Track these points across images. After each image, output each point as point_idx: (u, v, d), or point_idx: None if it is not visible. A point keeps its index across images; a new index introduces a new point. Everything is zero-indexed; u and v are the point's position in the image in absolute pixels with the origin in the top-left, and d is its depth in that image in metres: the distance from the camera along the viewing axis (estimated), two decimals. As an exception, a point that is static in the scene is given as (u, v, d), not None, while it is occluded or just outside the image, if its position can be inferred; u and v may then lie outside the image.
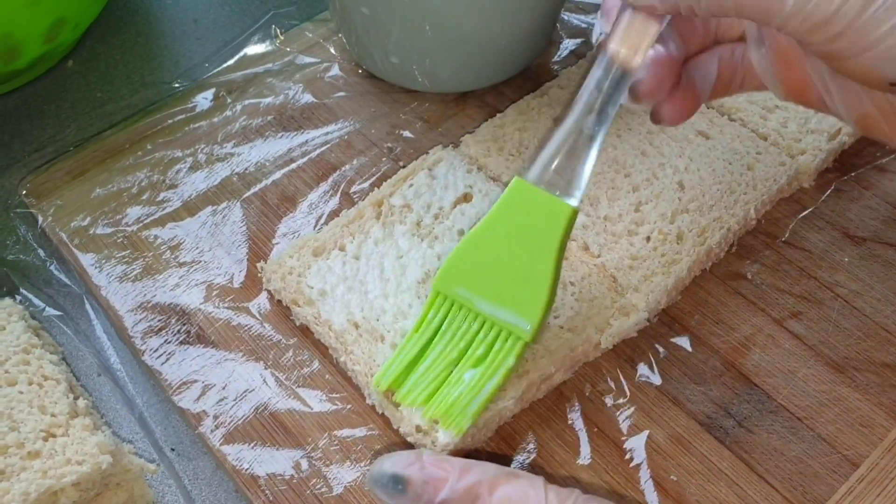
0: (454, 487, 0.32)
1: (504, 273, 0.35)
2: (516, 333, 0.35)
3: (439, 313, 0.37)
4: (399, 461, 0.33)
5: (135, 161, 0.50)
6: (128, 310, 0.44)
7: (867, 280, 0.43)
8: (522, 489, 0.32)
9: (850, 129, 0.48)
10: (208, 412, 0.40)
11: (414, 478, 0.32)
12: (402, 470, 0.32)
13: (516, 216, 0.35)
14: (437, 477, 0.32)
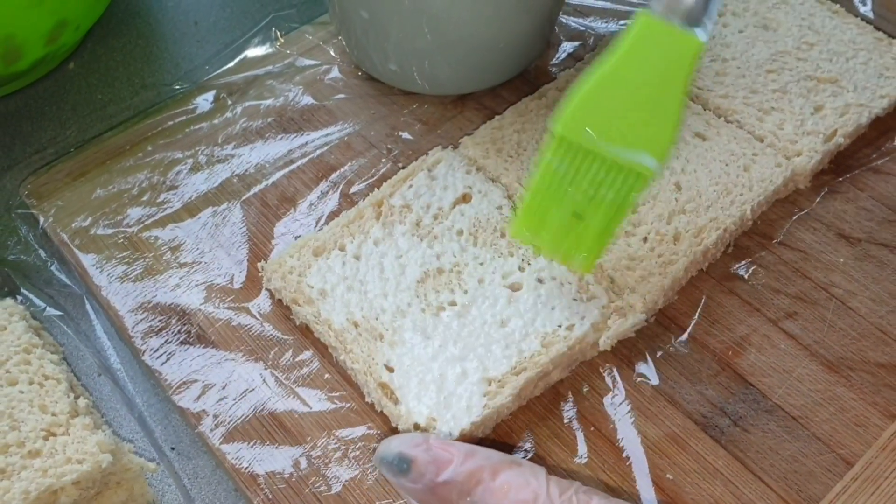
0: (457, 470, 0.32)
1: (630, 113, 0.35)
2: (642, 172, 0.35)
3: (565, 160, 0.36)
4: (406, 441, 0.34)
5: (135, 162, 0.50)
6: (128, 310, 0.44)
7: (862, 280, 0.44)
8: (524, 477, 0.32)
9: (845, 131, 0.48)
10: (208, 411, 0.40)
11: (419, 458, 0.33)
12: (409, 450, 0.33)
13: (644, 54, 0.35)
14: (441, 459, 0.33)
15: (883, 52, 0.53)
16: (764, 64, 0.52)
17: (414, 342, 0.40)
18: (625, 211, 0.37)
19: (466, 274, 0.42)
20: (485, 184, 0.46)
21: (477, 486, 0.32)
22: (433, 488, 0.33)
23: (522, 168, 0.47)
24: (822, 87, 0.51)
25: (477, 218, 0.45)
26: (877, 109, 0.50)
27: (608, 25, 0.57)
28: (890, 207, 0.47)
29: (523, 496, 0.32)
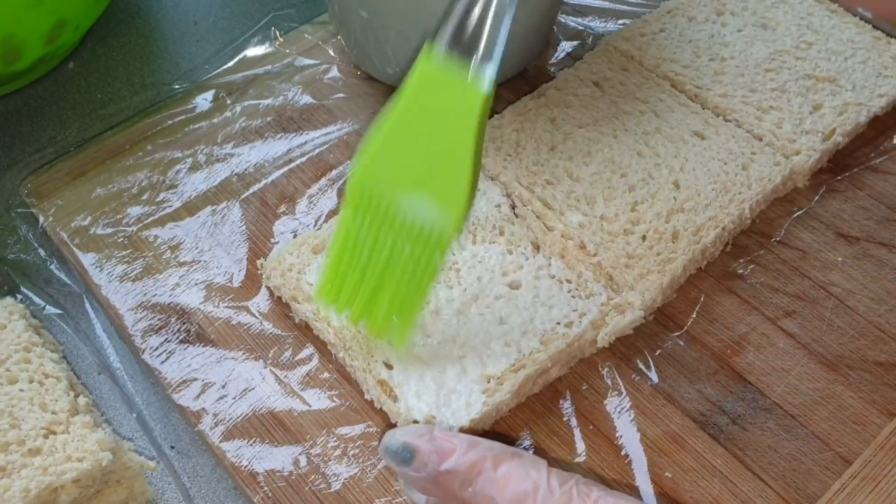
0: (460, 460, 0.33)
1: (423, 166, 0.33)
2: (440, 231, 0.33)
3: (363, 221, 0.34)
4: (410, 432, 0.34)
5: (135, 162, 0.50)
6: (128, 309, 0.44)
7: (860, 279, 0.44)
8: (525, 468, 0.32)
9: (844, 130, 0.48)
10: (207, 410, 0.40)
11: (422, 447, 0.33)
12: (413, 439, 0.34)
13: (425, 104, 0.33)
14: (444, 448, 0.33)
15: (881, 51, 0.53)
16: (763, 63, 0.52)
17: (413, 339, 0.40)
18: (430, 276, 0.35)
19: (465, 272, 0.43)
20: (483, 182, 0.46)
21: (478, 475, 0.33)
22: (436, 477, 0.33)
23: (521, 166, 0.47)
24: (821, 86, 0.51)
25: (475, 216, 0.45)
26: (875, 108, 0.50)
27: (607, 25, 0.57)
28: (888, 206, 0.47)
29: (524, 487, 0.32)
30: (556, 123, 0.49)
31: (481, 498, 0.33)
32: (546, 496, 0.32)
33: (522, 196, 0.46)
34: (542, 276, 0.42)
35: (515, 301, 0.41)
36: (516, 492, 0.32)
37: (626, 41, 0.54)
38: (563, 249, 0.43)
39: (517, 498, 0.32)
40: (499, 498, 0.32)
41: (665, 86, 0.51)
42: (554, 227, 0.44)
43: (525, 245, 0.44)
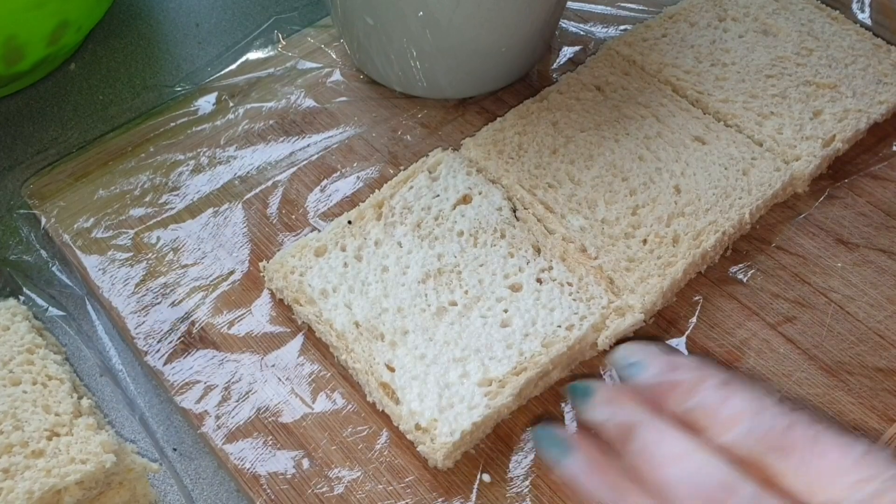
0: (692, 372, 0.33)
1: None
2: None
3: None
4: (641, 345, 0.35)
5: (137, 163, 0.51)
6: (130, 311, 0.44)
7: (860, 285, 0.44)
8: (753, 391, 0.32)
9: (844, 136, 0.49)
10: (210, 412, 0.40)
11: (657, 357, 0.34)
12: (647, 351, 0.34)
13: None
14: (677, 361, 0.34)
15: (881, 58, 0.53)
16: (764, 69, 0.52)
17: (415, 342, 0.40)
18: None
19: (467, 274, 0.43)
20: (485, 185, 0.46)
21: (704, 387, 0.32)
22: (661, 384, 0.33)
23: (523, 170, 0.47)
24: (822, 92, 0.51)
25: (477, 219, 0.45)
26: (875, 115, 0.50)
27: (608, 30, 0.58)
28: (888, 213, 0.47)
29: (747, 406, 0.32)
30: (557, 127, 0.49)
31: (703, 408, 0.32)
32: (766, 416, 0.31)
33: (524, 199, 0.46)
34: (543, 279, 0.42)
35: (517, 304, 0.41)
36: (740, 407, 0.31)
37: (629, 46, 0.54)
38: (564, 252, 0.44)
39: (737, 414, 0.31)
40: (721, 409, 0.32)
41: (666, 91, 0.51)
42: (555, 231, 0.45)
43: (526, 248, 0.44)
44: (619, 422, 0.33)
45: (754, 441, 0.31)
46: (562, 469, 0.33)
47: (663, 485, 0.31)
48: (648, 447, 0.32)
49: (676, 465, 0.31)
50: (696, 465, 0.31)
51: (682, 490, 0.30)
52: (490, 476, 0.38)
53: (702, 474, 0.30)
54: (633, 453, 0.32)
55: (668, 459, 0.31)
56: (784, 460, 0.30)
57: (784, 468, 0.30)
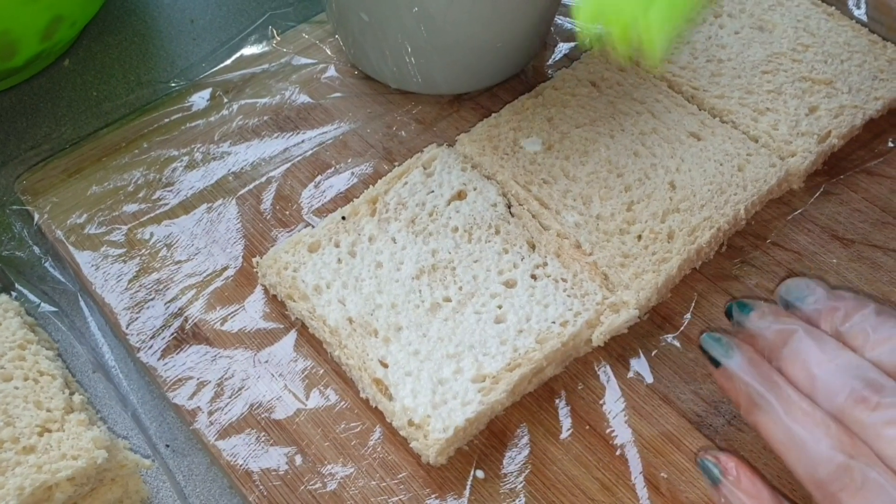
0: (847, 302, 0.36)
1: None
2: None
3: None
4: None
5: (131, 159, 0.50)
6: (123, 307, 0.44)
7: (855, 281, 0.44)
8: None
9: (839, 132, 0.49)
10: (203, 409, 0.40)
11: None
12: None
13: None
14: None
15: (877, 54, 0.53)
16: (759, 65, 0.52)
17: (409, 338, 0.40)
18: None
19: (461, 270, 0.43)
20: (480, 181, 0.46)
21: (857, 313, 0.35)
22: (819, 310, 0.36)
23: (518, 165, 0.47)
24: (817, 88, 0.51)
25: (472, 215, 0.45)
26: (871, 111, 0.50)
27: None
28: (883, 209, 0.47)
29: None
30: (553, 123, 0.49)
31: (859, 329, 0.35)
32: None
33: (519, 195, 0.46)
34: (537, 275, 0.42)
35: (511, 300, 0.41)
36: (894, 331, 0.34)
37: (623, 42, 0.54)
38: (559, 248, 0.43)
39: (891, 335, 0.34)
40: (876, 330, 0.34)
41: (662, 86, 0.51)
42: (550, 227, 0.44)
43: (521, 244, 0.44)
44: (778, 329, 0.35)
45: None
46: (724, 366, 0.35)
47: (815, 380, 0.34)
48: (803, 348, 0.34)
49: (829, 362, 0.34)
50: (848, 362, 0.33)
51: (834, 384, 0.33)
52: (484, 472, 0.38)
53: (852, 372, 0.33)
54: (788, 354, 0.35)
55: (821, 358, 0.34)
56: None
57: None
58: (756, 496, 0.33)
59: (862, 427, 0.32)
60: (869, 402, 0.32)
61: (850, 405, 0.33)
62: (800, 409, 0.33)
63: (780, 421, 0.33)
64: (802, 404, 0.33)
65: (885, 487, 0.30)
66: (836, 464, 0.31)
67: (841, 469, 0.31)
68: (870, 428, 0.32)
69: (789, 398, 0.34)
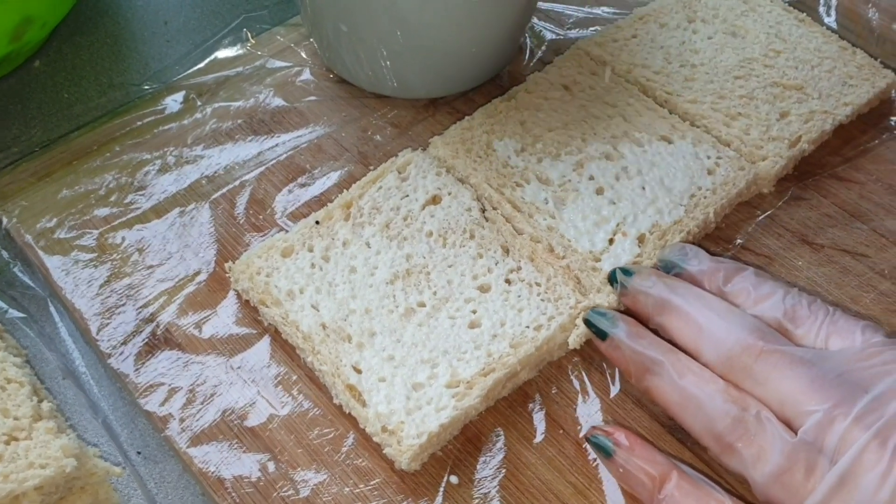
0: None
1: None
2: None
3: None
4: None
5: (102, 163, 0.50)
6: (93, 313, 0.43)
7: (824, 285, 0.44)
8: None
9: (810, 137, 0.49)
10: (174, 415, 0.40)
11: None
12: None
13: None
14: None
15: (847, 60, 0.54)
16: (732, 70, 0.53)
17: (382, 344, 0.40)
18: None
19: (435, 275, 0.43)
20: (454, 186, 0.46)
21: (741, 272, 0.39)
22: (702, 272, 0.39)
23: (491, 168, 0.47)
24: (788, 93, 0.51)
25: (446, 220, 0.45)
26: (840, 116, 0.50)
27: (580, 32, 0.58)
28: (852, 214, 0.47)
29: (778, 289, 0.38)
30: (525, 126, 0.49)
31: (740, 289, 0.38)
32: (793, 294, 0.37)
33: (492, 198, 0.46)
34: (512, 279, 0.42)
35: (485, 305, 0.41)
36: (772, 289, 0.38)
37: (599, 46, 0.54)
38: (533, 252, 0.44)
39: (770, 293, 0.37)
40: (756, 289, 0.38)
41: (633, 90, 0.51)
42: (523, 230, 0.45)
43: (495, 249, 0.44)
44: (662, 285, 0.38)
45: (782, 313, 0.37)
46: (611, 336, 0.38)
47: (700, 330, 0.36)
48: (688, 301, 0.37)
49: (714, 314, 0.36)
50: (730, 311, 0.36)
51: (719, 333, 0.36)
52: (458, 477, 0.38)
53: (736, 321, 0.36)
54: (672, 308, 0.37)
55: (705, 310, 0.37)
56: (805, 327, 0.36)
57: (804, 333, 0.36)
58: (651, 459, 0.35)
59: (749, 373, 0.35)
60: (754, 348, 0.35)
61: (736, 352, 0.35)
62: (689, 370, 0.36)
63: (673, 383, 0.36)
64: (692, 365, 0.36)
65: (776, 432, 0.33)
66: (731, 416, 0.34)
67: (735, 421, 0.34)
68: (758, 374, 0.34)
69: (678, 360, 0.36)
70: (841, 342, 0.35)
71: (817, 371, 0.34)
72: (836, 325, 0.36)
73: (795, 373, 0.34)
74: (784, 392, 0.34)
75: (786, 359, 0.34)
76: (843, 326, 0.36)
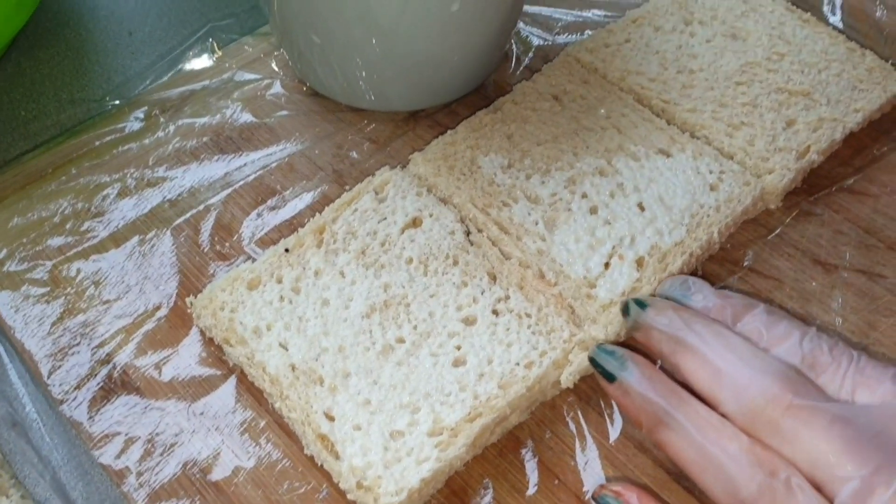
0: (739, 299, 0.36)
1: None
2: None
3: None
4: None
5: (58, 187, 0.46)
6: (45, 354, 0.40)
7: (839, 311, 0.41)
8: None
9: (819, 147, 0.46)
10: (131, 468, 0.36)
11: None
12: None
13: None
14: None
15: (856, 63, 0.50)
16: (733, 76, 0.49)
17: (357, 386, 0.36)
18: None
19: (416, 307, 0.39)
20: (436, 206, 0.43)
21: (753, 310, 0.35)
22: (709, 308, 0.36)
23: (476, 187, 0.43)
24: (794, 100, 0.48)
25: (428, 244, 0.41)
26: (851, 124, 0.47)
27: (569, 37, 0.54)
28: (866, 230, 0.44)
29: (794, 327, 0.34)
30: (512, 140, 0.46)
31: (752, 329, 0.34)
32: (811, 336, 0.34)
33: (477, 219, 0.42)
34: (499, 310, 0.39)
35: (471, 339, 0.38)
36: (787, 329, 0.34)
37: (590, 52, 0.51)
38: (522, 279, 0.40)
39: (785, 334, 0.34)
40: (770, 329, 0.34)
41: (628, 100, 0.48)
42: (511, 254, 0.41)
43: (481, 275, 0.40)
44: (677, 323, 0.34)
45: (800, 359, 0.33)
46: (620, 381, 0.34)
47: (720, 375, 0.32)
48: (706, 341, 0.33)
49: (735, 357, 0.33)
50: (754, 355, 0.33)
51: (741, 380, 0.32)
52: (442, 534, 0.34)
53: (759, 367, 0.32)
54: (689, 348, 0.34)
55: (724, 352, 0.33)
56: (827, 375, 0.32)
57: (826, 382, 0.32)
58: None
59: (775, 429, 0.31)
60: (781, 400, 0.31)
61: (761, 404, 0.31)
62: (710, 425, 0.32)
63: (691, 440, 0.32)
64: (712, 419, 0.32)
65: (807, 501, 0.29)
66: (756, 483, 0.30)
67: (763, 487, 0.30)
68: (786, 430, 0.31)
69: (697, 413, 0.32)
70: (870, 393, 0.32)
71: (853, 430, 0.30)
72: (864, 373, 0.32)
73: (829, 431, 0.30)
74: (816, 453, 0.30)
75: (818, 415, 0.30)
76: (871, 375, 0.32)
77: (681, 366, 0.34)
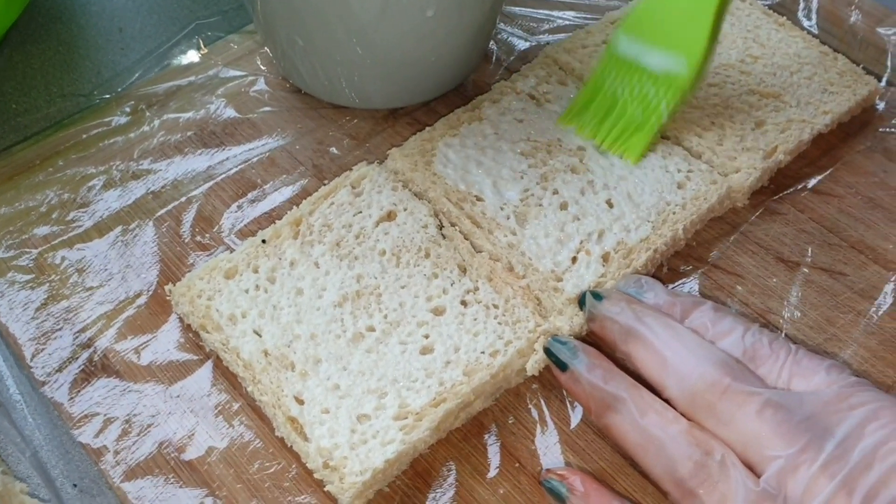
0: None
1: (669, 21, 0.43)
2: (676, 80, 0.43)
3: (613, 71, 0.45)
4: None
5: (45, 178, 0.48)
6: (28, 338, 0.41)
7: (800, 306, 0.42)
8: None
9: (786, 148, 0.47)
10: (109, 447, 0.38)
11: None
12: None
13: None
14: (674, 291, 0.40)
15: (828, 66, 0.51)
16: (706, 77, 0.50)
17: (327, 372, 0.37)
18: (662, 111, 0.44)
19: (387, 297, 0.40)
20: (411, 201, 0.44)
21: (700, 307, 0.37)
22: (660, 304, 0.37)
23: (451, 182, 0.45)
24: (765, 101, 0.49)
25: (401, 237, 0.42)
26: (819, 125, 0.48)
27: (549, 38, 0.55)
28: (830, 230, 0.45)
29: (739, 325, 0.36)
30: (488, 138, 0.47)
31: (699, 324, 0.36)
32: (754, 330, 0.36)
33: (451, 213, 0.44)
34: (468, 301, 0.40)
35: (439, 329, 0.39)
36: (732, 324, 0.36)
37: (567, 53, 0.52)
38: (491, 272, 0.41)
39: (730, 328, 0.36)
40: (716, 324, 0.36)
41: (604, 100, 0.49)
42: (482, 248, 0.42)
43: (452, 268, 0.41)
44: (626, 320, 0.36)
45: (741, 351, 0.35)
46: (571, 369, 0.36)
47: (665, 363, 0.34)
48: (655, 332, 0.35)
49: (681, 346, 0.34)
50: (699, 345, 0.34)
51: (685, 367, 0.34)
52: (406, 515, 0.35)
53: (702, 355, 0.34)
54: (639, 337, 0.36)
55: (672, 341, 0.35)
56: (766, 367, 0.34)
57: (765, 373, 0.34)
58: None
59: (712, 412, 0.33)
60: (719, 384, 0.33)
61: (700, 388, 0.33)
62: (652, 409, 0.34)
63: (634, 422, 0.34)
64: (655, 404, 0.34)
65: (739, 479, 0.31)
66: (693, 461, 0.32)
67: (698, 465, 0.32)
68: (722, 413, 0.32)
69: (641, 398, 0.34)
70: (805, 383, 0.33)
71: (784, 414, 0.31)
72: (800, 364, 0.34)
73: (761, 414, 0.31)
74: (749, 434, 0.31)
75: (752, 399, 0.32)
76: (806, 366, 0.33)
77: (632, 354, 0.36)
